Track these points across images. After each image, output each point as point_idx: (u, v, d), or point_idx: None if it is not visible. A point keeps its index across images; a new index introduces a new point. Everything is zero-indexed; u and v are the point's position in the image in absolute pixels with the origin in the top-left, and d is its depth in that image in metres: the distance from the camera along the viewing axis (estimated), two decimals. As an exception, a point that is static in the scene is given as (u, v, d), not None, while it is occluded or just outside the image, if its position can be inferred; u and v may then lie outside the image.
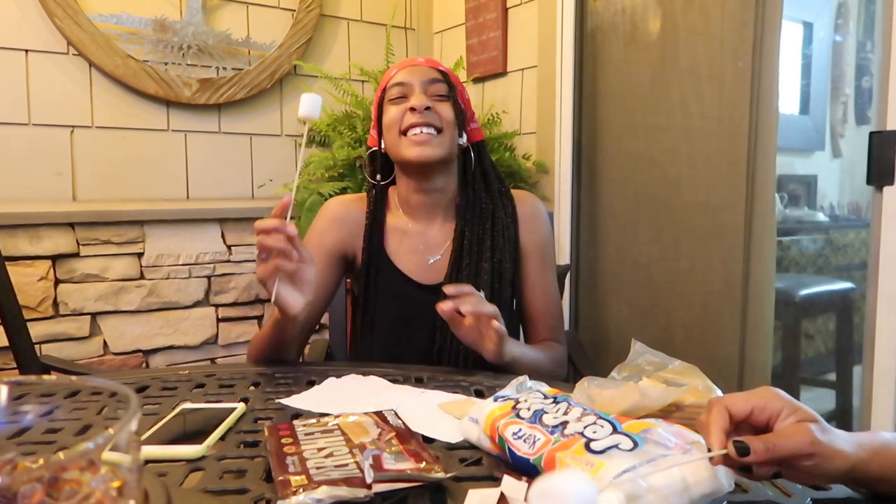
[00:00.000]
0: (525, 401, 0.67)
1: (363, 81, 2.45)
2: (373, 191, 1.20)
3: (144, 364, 2.06)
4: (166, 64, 2.15)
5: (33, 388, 0.41)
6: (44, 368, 1.50)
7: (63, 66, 2.00)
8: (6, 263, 1.47)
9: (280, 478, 0.56)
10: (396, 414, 0.73)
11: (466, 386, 0.91)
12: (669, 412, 0.65)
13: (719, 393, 0.67)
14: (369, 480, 0.55)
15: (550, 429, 0.60)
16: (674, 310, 1.94)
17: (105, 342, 2.00)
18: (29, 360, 1.47)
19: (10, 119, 1.93)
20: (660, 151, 1.95)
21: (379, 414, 0.72)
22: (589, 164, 2.16)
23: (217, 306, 2.17)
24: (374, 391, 0.88)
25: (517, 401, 0.67)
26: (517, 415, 0.64)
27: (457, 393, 0.87)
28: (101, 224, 1.96)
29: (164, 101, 2.16)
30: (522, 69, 2.30)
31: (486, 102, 2.42)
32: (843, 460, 0.51)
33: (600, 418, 0.59)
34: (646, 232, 2.01)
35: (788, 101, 3.35)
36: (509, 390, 0.72)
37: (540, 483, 0.47)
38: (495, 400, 0.69)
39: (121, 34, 2.07)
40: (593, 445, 0.55)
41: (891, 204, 1.42)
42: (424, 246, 1.18)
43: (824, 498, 0.58)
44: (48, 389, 0.43)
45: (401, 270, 1.16)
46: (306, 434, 0.66)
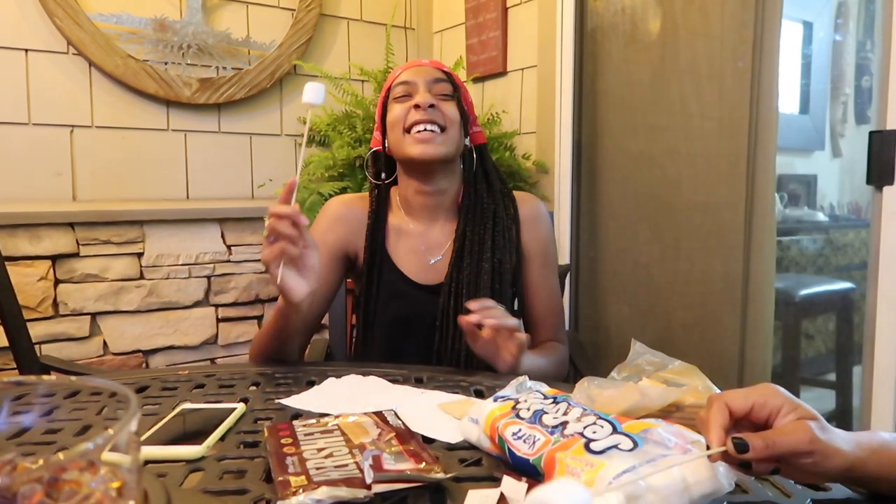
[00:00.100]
0: (525, 401, 0.67)
1: (363, 81, 2.45)
2: (375, 190, 1.20)
3: (144, 364, 2.06)
4: (166, 64, 2.15)
5: (33, 388, 0.41)
6: (44, 368, 1.50)
7: (63, 66, 2.00)
8: (6, 263, 1.47)
9: (280, 478, 0.56)
10: (396, 414, 0.73)
11: (466, 386, 0.91)
12: (669, 412, 0.65)
13: (718, 392, 0.67)
14: (369, 481, 0.55)
15: (550, 429, 0.60)
16: (674, 310, 1.94)
17: (105, 342, 2.00)
18: (29, 361, 1.47)
19: (10, 119, 1.93)
20: (660, 151, 1.95)
21: (379, 414, 0.72)
22: (589, 164, 2.16)
23: (217, 306, 2.17)
24: (374, 391, 0.88)
25: (517, 401, 0.67)
26: (517, 415, 0.64)
27: (457, 393, 0.87)
28: (101, 224, 1.96)
29: (164, 101, 2.16)
30: (522, 69, 2.30)
31: (486, 102, 2.42)
32: (842, 459, 0.51)
33: (600, 418, 0.59)
34: (646, 232, 2.00)
35: (788, 101, 3.34)
36: (509, 390, 0.72)
37: (535, 493, 0.47)
38: (495, 400, 0.69)
39: (121, 34, 2.07)
40: (593, 446, 0.55)
41: (891, 204, 1.42)
42: (425, 246, 1.18)
43: (824, 498, 0.58)
44: (48, 389, 0.43)
45: (401, 271, 1.16)
46: (306, 434, 0.66)
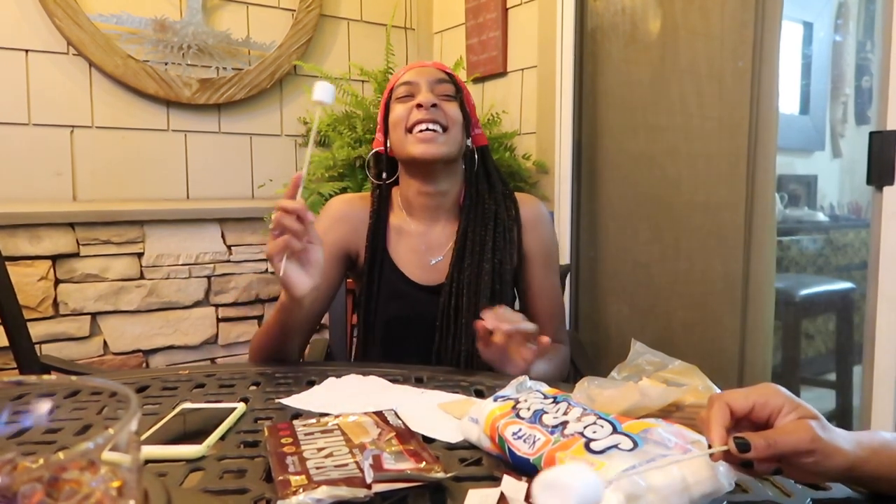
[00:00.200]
0: (525, 401, 0.67)
1: (363, 81, 2.45)
2: (377, 190, 1.20)
3: (144, 364, 2.06)
4: (166, 64, 2.15)
5: (33, 388, 0.41)
6: (44, 368, 1.50)
7: (63, 66, 2.00)
8: (6, 263, 1.47)
9: (280, 478, 0.56)
10: (396, 414, 0.73)
11: (466, 386, 0.91)
12: (669, 412, 0.65)
13: (718, 392, 0.67)
14: (369, 480, 0.55)
15: (550, 429, 0.60)
16: (674, 310, 1.94)
17: (105, 342, 2.00)
18: (29, 360, 1.47)
19: (10, 119, 1.93)
20: (660, 151, 1.95)
21: (379, 414, 0.72)
22: (589, 164, 2.16)
23: (217, 306, 2.17)
24: (374, 391, 0.88)
25: (517, 401, 0.67)
26: (517, 415, 0.64)
27: (457, 393, 0.87)
28: (101, 224, 1.96)
29: (164, 101, 2.16)
30: (522, 69, 2.30)
31: (486, 102, 2.42)
32: (843, 458, 0.51)
33: (600, 418, 0.59)
34: (646, 232, 2.00)
35: (788, 101, 3.34)
36: (509, 390, 0.72)
37: (544, 475, 0.47)
38: (495, 400, 0.69)
39: (121, 34, 2.07)
40: (593, 445, 0.55)
41: (891, 204, 1.42)
42: (426, 247, 1.18)
43: (824, 498, 0.58)
44: (48, 389, 0.43)
45: (402, 271, 1.16)
46: (306, 434, 0.66)
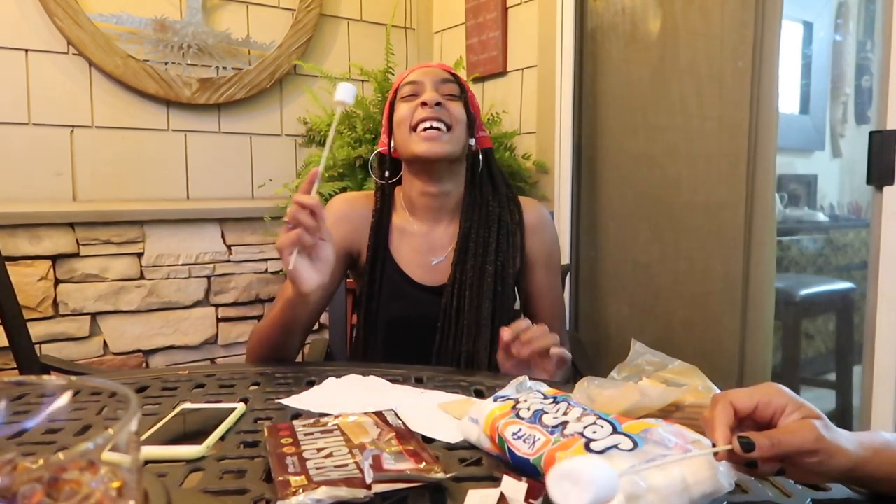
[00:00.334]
0: (525, 401, 0.67)
1: (363, 81, 2.45)
2: (380, 190, 1.20)
3: (144, 364, 2.06)
4: (166, 64, 2.15)
5: (33, 388, 0.41)
6: (44, 368, 1.50)
7: (63, 66, 2.00)
8: (6, 263, 1.48)
9: (280, 478, 0.56)
10: (396, 414, 0.73)
11: (466, 386, 0.91)
12: (669, 412, 0.65)
13: (719, 392, 0.67)
14: (369, 481, 0.55)
15: (550, 429, 0.60)
16: (674, 310, 1.94)
17: (105, 342, 2.01)
18: (29, 360, 1.47)
19: (10, 119, 1.93)
20: (660, 151, 1.95)
21: (379, 414, 0.72)
22: (589, 164, 2.16)
23: (217, 306, 2.17)
24: (374, 391, 0.88)
25: (517, 401, 0.67)
26: (517, 415, 0.64)
27: (457, 393, 0.87)
28: (101, 224, 1.96)
29: (164, 101, 2.16)
30: (522, 69, 2.30)
31: (486, 102, 2.42)
32: (846, 458, 0.51)
33: (600, 418, 0.59)
34: (646, 232, 2.00)
35: (788, 101, 3.34)
36: (509, 390, 0.72)
37: (559, 467, 0.47)
38: (495, 400, 0.69)
39: (121, 34, 2.07)
40: (593, 445, 0.55)
41: (891, 204, 1.42)
42: (428, 247, 1.18)
43: (824, 498, 0.58)
44: (48, 389, 0.43)
45: (403, 270, 1.16)
46: (306, 434, 0.66)
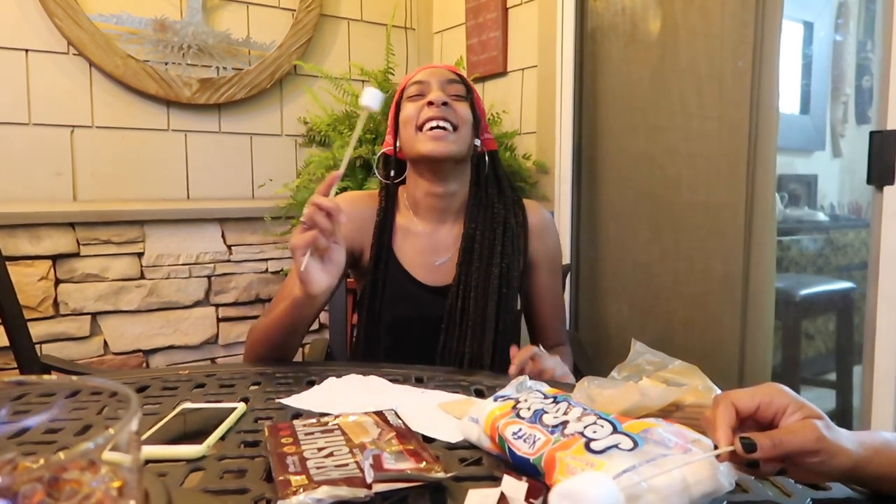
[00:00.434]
0: (525, 401, 0.67)
1: (363, 81, 2.45)
2: (384, 190, 1.20)
3: (144, 364, 2.06)
4: (166, 64, 2.15)
5: (33, 388, 0.41)
6: (44, 368, 1.50)
7: (63, 66, 2.00)
8: (6, 263, 1.48)
9: (280, 478, 0.56)
10: (396, 414, 0.73)
11: (466, 386, 0.91)
12: (669, 412, 0.65)
13: (719, 392, 0.67)
14: (369, 480, 0.55)
15: (550, 428, 0.60)
16: (674, 309, 1.94)
17: (105, 342, 2.01)
18: (29, 360, 1.47)
19: (10, 119, 1.93)
20: (660, 151, 1.95)
21: (379, 414, 0.72)
22: (589, 164, 2.16)
23: (217, 306, 2.17)
24: (375, 391, 0.88)
25: (517, 401, 0.67)
26: (517, 414, 0.64)
27: (457, 393, 0.87)
28: (102, 224, 1.96)
29: (165, 101, 2.16)
30: (522, 69, 2.30)
31: (486, 102, 2.42)
32: (847, 458, 0.51)
33: (600, 418, 0.59)
34: (646, 232, 2.00)
35: (788, 101, 3.34)
36: (509, 390, 0.72)
37: (562, 485, 0.47)
38: (495, 400, 0.69)
39: (121, 34, 2.07)
40: (593, 445, 0.55)
41: (891, 204, 1.42)
42: (432, 247, 1.18)
43: (824, 498, 0.58)
44: (48, 389, 0.43)
45: (407, 270, 1.16)
46: (306, 434, 0.66)
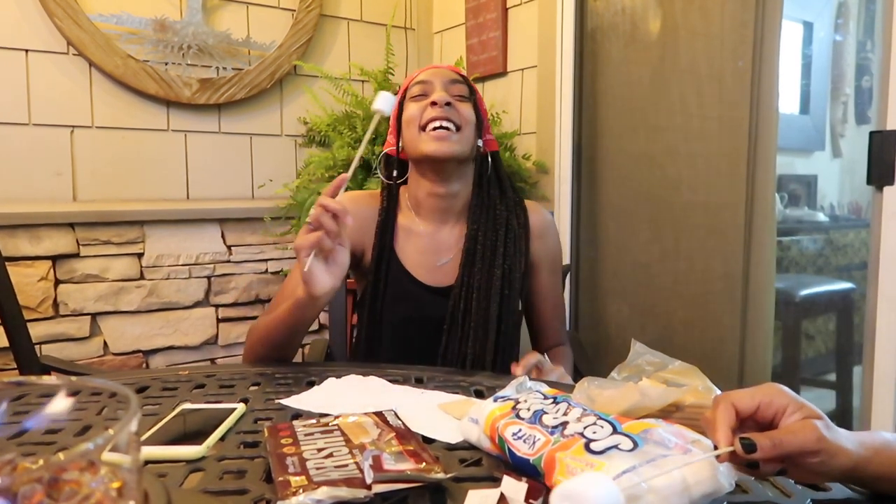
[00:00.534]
0: (525, 401, 0.67)
1: (363, 81, 2.45)
2: (386, 190, 1.20)
3: (144, 364, 2.06)
4: (166, 64, 2.15)
5: (33, 389, 0.41)
6: (44, 369, 1.50)
7: (63, 66, 2.00)
8: (6, 263, 1.48)
9: (280, 478, 0.56)
10: (396, 414, 0.73)
11: (466, 386, 0.91)
12: (669, 412, 0.65)
13: (719, 393, 0.67)
14: (369, 481, 0.55)
15: (550, 429, 0.60)
16: (674, 310, 1.94)
17: (105, 342, 2.00)
18: (29, 361, 1.47)
19: (10, 119, 1.93)
20: (660, 151, 1.95)
21: (379, 414, 0.72)
22: (589, 164, 2.16)
23: (217, 306, 2.17)
24: (374, 392, 0.88)
25: (517, 401, 0.67)
26: (517, 415, 0.64)
27: (457, 393, 0.87)
28: (101, 224, 1.96)
29: (164, 101, 2.16)
30: (522, 69, 2.30)
31: (487, 102, 2.41)
32: (847, 458, 0.51)
33: (600, 419, 0.59)
34: (646, 232, 2.00)
35: (788, 101, 3.34)
36: (509, 391, 0.72)
37: (562, 486, 0.47)
38: (495, 400, 0.69)
39: (121, 34, 2.07)
40: (593, 446, 0.55)
41: (891, 204, 1.42)
42: (434, 248, 1.18)
43: (824, 498, 0.58)
44: (48, 389, 0.43)
45: (408, 271, 1.16)
46: (306, 434, 0.66)
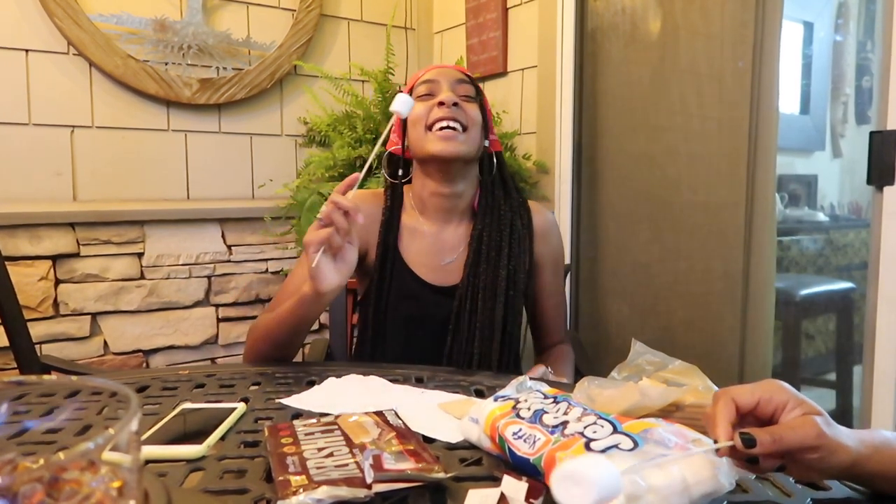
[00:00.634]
0: (525, 401, 0.67)
1: (363, 81, 2.45)
2: (390, 189, 1.20)
3: (144, 364, 2.06)
4: (166, 64, 2.15)
5: (33, 388, 0.41)
6: (44, 368, 1.50)
7: (63, 66, 2.00)
8: (6, 263, 1.48)
9: (280, 478, 0.56)
10: (396, 414, 0.73)
11: (466, 386, 0.91)
12: (669, 412, 0.65)
13: (719, 392, 0.67)
14: (369, 480, 0.55)
15: (550, 429, 0.60)
16: (674, 309, 1.94)
17: (105, 342, 2.00)
18: (29, 360, 1.47)
19: (10, 119, 1.93)
20: (660, 151, 1.95)
21: (379, 414, 0.72)
22: (589, 164, 2.16)
23: (217, 306, 2.17)
24: (375, 391, 0.88)
25: (517, 401, 0.67)
26: (517, 415, 0.64)
27: (457, 393, 0.87)
28: (102, 224, 1.96)
29: (165, 101, 2.16)
30: (522, 69, 2.30)
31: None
32: (846, 455, 0.51)
33: (600, 418, 0.59)
34: (646, 232, 2.00)
35: (788, 101, 3.34)
36: (509, 390, 0.72)
37: (562, 467, 0.47)
38: (495, 400, 0.69)
39: (121, 34, 2.07)
40: (593, 445, 0.55)
41: (891, 204, 1.41)
42: (438, 247, 1.17)
43: (824, 498, 0.58)
44: (48, 389, 0.43)
45: (413, 270, 1.16)
46: (306, 434, 0.66)
